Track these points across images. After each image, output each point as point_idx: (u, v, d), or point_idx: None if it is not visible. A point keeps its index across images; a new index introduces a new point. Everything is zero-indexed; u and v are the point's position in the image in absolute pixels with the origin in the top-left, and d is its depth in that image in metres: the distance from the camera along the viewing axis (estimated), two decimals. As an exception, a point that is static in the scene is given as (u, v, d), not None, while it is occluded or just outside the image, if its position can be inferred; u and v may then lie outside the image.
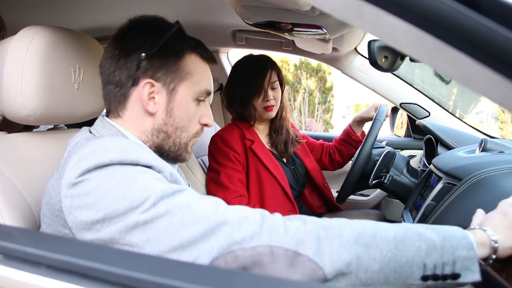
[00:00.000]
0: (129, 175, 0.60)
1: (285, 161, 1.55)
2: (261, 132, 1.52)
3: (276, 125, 1.52)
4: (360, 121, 1.66)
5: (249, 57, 1.49)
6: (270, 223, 0.56)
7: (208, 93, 0.81)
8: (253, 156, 1.43)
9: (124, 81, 0.73)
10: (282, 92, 1.49)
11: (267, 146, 1.51)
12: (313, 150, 1.71)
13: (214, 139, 1.44)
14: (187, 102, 0.77)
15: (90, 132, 0.76)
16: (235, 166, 1.39)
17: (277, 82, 1.45)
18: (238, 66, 1.49)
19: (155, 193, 0.58)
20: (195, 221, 0.55)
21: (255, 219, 0.57)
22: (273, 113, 1.45)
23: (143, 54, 0.72)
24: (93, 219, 0.58)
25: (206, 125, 0.82)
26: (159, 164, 0.64)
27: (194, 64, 0.77)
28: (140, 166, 0.62)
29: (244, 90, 1.42)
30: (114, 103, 0.76)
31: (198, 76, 0.78)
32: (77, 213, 0.59)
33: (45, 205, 0.67)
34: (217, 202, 0.60)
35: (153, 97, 0.74)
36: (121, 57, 0.73)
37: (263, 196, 1.42)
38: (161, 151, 0.78)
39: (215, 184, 1.38)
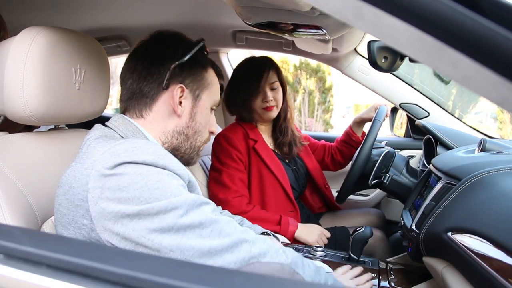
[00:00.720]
0: (162, 178, 0.65)
1: (287, 161, 1.55)
2: (264, 132, 1.53)
3: (281, 126, 1.52)
4: (360, 122, 1.67)
5: (249, 59, 1.50)
6: (274, 247, 0.71)
7: (218, 104, 0.91)
8: (255, 156, 1.43)
9: (157, 85, 0.79)
10: (284, 92, 1.49)
11: (270, 146, 1.52)
12: (315, 151, 1.71)
13: (218, 138, 1.45)
14: (207, 109, 0.87)
15: (107, 126, 0.78)
16: (237, 166, 1.39)
17: (277, 83, 1.45)
18: (239, 69, 1.50)
19: (187, 202, 0.64)
20: (222, 236, 0.65)
21: (264, 240, 0.71)
22: (273, 114, 1.46)
23: (177, 62, 0.79)
24: (123, 213, 0.61)
25: (212, 133, 0.91)
26: (183, 173, 0.70)
27: (213, 77, 0.88)
28: (168, 171, 0.67)
29: (244, 92, 1.43)
30: (139, 104, 0.80)
31: (215, 88, 0.88)
32: (105, 204, 0.62)
33: (62, 195, 0.68)
34: (232, 221, 0.70)
35: (181, 102, 0.81)
36: (154, 64, 0.80)
37: (264, 196, 1.42)
38: (176, 153, 0.84)
39: (216, 184, 1.39)
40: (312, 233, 1.36)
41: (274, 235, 1.01)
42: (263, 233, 1.02)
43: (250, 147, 1.43)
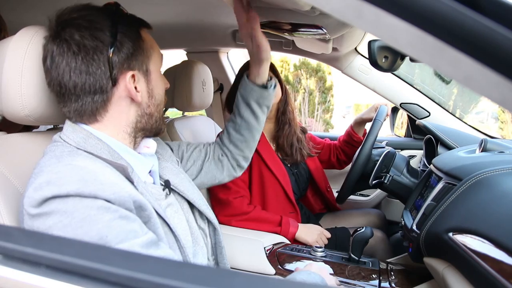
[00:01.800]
0: (88, 215, 0.57)
1: (289, 165, 1.55)
2: (267, 133, 1.53)
3: (279, 120, 1.51)
4: (361, 122, 1.67)
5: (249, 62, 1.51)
6: None
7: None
8: (257, 156, 1.43)
9: (105, 84, 0.70)
10: (283, 89, 1.49)
11: (273, 148, 1.52)
12: (321, 150, 1.71)
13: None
14: (158, 77, 0.78)
15: (60, 137, 0.73)
16: None
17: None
18: (240, 71, 1.51)
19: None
20: None
21: None
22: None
23: (111, 49, 0.68)
24: None
25: (167, 87, 0.82)
26: (119, 196, 0.61)
27: (147, 38, 0.76)
28: (100, 200, 0.59)
29: None
30: (92, 111, 0.72)
31: (155, 48, 0.78)
32: None
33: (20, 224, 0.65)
34: None
35: (136, 87, 0.73)
36: (88, 64, 0.68)
37: (265, 197, 1.42)
38: (145, 131, 0.79)
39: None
40: (312, 233, 1.36)
41: None
42: None
43: None
